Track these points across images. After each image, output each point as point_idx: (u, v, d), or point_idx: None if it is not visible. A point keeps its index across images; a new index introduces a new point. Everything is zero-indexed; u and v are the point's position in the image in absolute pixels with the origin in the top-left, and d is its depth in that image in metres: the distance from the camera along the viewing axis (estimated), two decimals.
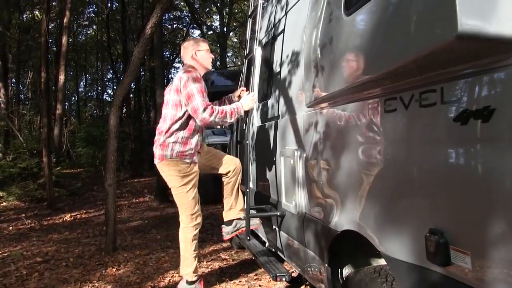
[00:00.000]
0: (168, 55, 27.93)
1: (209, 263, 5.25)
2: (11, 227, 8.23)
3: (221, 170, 3.70)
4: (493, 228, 1.28)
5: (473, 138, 1.36)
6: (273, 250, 3.88)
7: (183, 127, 3.37)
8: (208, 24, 25.80)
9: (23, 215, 9.35)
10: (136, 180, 16.23)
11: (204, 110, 3.23)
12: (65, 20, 12.10)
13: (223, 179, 3.73)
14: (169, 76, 29.01)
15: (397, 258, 1.72)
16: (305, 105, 2.77)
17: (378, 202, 1.91)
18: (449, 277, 1.45)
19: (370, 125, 1.98)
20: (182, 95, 3.28)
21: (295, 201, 2.97)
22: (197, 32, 28.23)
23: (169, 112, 3.38)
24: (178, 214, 3.75)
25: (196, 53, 3.46)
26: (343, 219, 2.20)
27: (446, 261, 1.44)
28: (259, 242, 4.35)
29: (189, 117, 3.36)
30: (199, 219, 3.59)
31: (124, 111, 20.02)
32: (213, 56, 3.56)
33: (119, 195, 12.21)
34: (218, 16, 23.04)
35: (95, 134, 15.40)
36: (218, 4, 22.39)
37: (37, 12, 18.62)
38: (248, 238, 3.34)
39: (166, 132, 3.37)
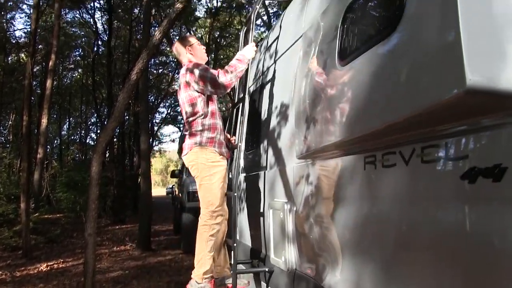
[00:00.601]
0: (153, 100, 28.01)
1: None
2: None
3: None
4: None
5: (482, 198, 1.27)
6: None
7: (206, 114, 3.39)
8: None
9: None
10: (117, 227, 15.77)
11: (218, 76, 3.28)
12: (51, 63, 12.06)
13: None
14: (154, 121, 29.01)
15: None
16: (295, 156, 2.67)
17: (376, 263, 1.78)
18: None
19: (365, 181, 1.88)
20: (194, 85, 3.34)
21: (284, 256, 2.81)
22: None
23: (188, 109, 3.40)
24: (160, 264, 3.54)
25: (189, 49, 3.54)
26: (338, 278, 2.06)
27: None
28: None
29: (207, 104, 3.41)
30: (220, 219, 3.35)
31: (107, 155, 19.78)
32: (204, 46, 3.63)
33: (99, 243, 11.77)
34: None
35: (76, 179, 15.05)
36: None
37: (22, 55, 18.61)
38: None
39: (192, 123, 3.38)
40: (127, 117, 24.32)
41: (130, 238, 11.97)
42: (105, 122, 19.31)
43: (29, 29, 13.07)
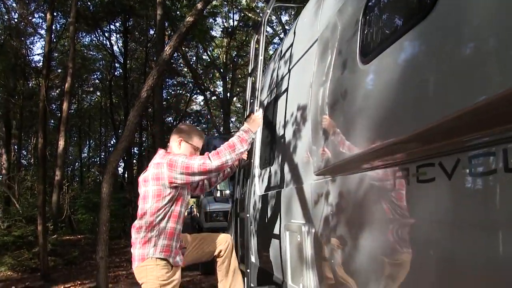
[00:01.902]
0: (172, 121, 28.11)
1: None
2: None
3: (213, 252, 3.20)
4: None
5: None
6: None
7: (167, 216, 2.82)
8: (212, 89, 26.12)
9: (14, 287, 8.79)
10: None
11: (208, 159, 2.73)
12: (67, 85, 12.07)
13: (217, 260, 3.21)
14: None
15: None
16: (313, 173, 2.39)
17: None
18: None
19: (395, 198, 1.59)
20: (174, 176, 2.77)
21: (302, 283, 2.51)
22: (200, 98, 28.57)
23: (148, 206, 2.80)
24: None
25: (182, 143, 3.00)
26: None
27: None
28: None
29: (173, 204, 2.84)
30: None
31: (126, 177, 19.75)
32: (197, 153, 3.03)
33: (117, 264, 11.62)
34: (222, 82, 23.37)
35: (95, 200, 15.03)
36: (221, 70, 22.75)
37: (41, 79, 18.94)
38: None
39: (148, 225, 2.79)
40: (145, 138, 24.40)
41: None
42: None
43: None
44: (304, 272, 2.50)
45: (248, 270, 2.91)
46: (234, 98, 26.99)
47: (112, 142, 30.46)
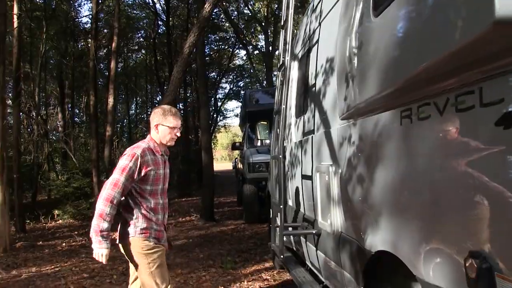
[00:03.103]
0: (215, 76, 28.39)
1: (249, 283, 5.12)
2: (64, 244, 8.49)
3: None
4: None
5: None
6: (313, 270, 3.69)
7: (143, 200, 2.91)
8: (254, 44, 26.04)
9: (76, 232, 9.65)
10: (184, 200, 16.42)
11: (109, 188, 2.77)
12: (113, 45, 12.49)
13: None
14: (216, 97, 29.45)
15: (434, 284, 1.53)
16: (338, 118, 2.62)
17: (415, 220, 1.72)
18: None
19: (403, 136, 1.81)
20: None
21: (330, 219, 2.80)
22: (243, 52, 28.56)
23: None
24: (222, 233, 3.63)
25: (158, 126, 2.95)
26: (378, 239, 2.02)
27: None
28: (299, 262, 4.16)
29: (147, 191, 2.91)
30: None
31: None
32: (177, 136, 2.99)
33: (168, 215, 12.35)
34: (263, 36, 23.24)
35: None
36: (263, 24, 22.59)
37: (90, 40, 19.57)
38: (282, 256, 3.17)
39: (125, 208, 2.98)
40: (189, 94, 24.90)
41: (195, 210, 12.40)
42: None
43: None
44: (331, 209, 2.78)
45: (281, 206, 3.21)
46: (276, 52, 26.85)
47: (158, 99, 31.26)
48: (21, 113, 13.49)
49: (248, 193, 9.95)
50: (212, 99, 27.75)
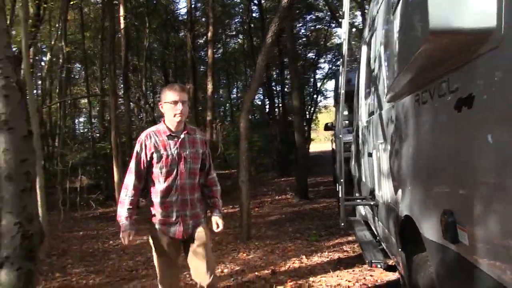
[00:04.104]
0: (314, 56, 28.46)
1: (330, 253, 5.54)
2: None
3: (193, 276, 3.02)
4: (484, 207, 1.40)
5: (465, 127, 1.50)
6: (380, 240, 4.04)
7: (156, 183, 2.88)
8: (350, 22, 25.62)
9: None
10: (283, 179, 17.09)
11: (128, 176, 2.87)
12: (209, 34, 13.37)
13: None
14: (316, 77, 29.56)
15: (428, 238, 1.87)
16: (386, 101, 2.95)
17: (418, 187, 2.06)
18: (459, 254, 1.57)
19: (418, 117, 2.13)
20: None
21: (382, 191, 3.14)
22: (340, 31, 28.22)
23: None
24: (314, 210, 4.08)
25: (163, 105, 2.87)
26: (404, 206, 2.36)
27: (455, 239, 1.57)
28: (370, 233, 4.51)
29: (156, 173, 2.86)
30: None
31: (271, 115, 21.19)
32: (179, 110, 2.78)
33: (264, 193, 13.12)
34: (359, 13, 22.84)
35: None
36: (358, 0, 22.19)
37: (187, 33, 20.93)
38: (343, 224, 3.58)
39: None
40: (286, 76, 25.37)
41: (291, 189, 12.99)
42: (266, 84, 20.62)
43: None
44: (382, 181, 3.12)
45: (342, 180, 3.60)
46: None
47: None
48: (131, 103, 15.02)
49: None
50: (312, 79, 27.92)
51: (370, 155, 3.79)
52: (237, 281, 4.69)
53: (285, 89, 23.73)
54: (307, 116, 23.70)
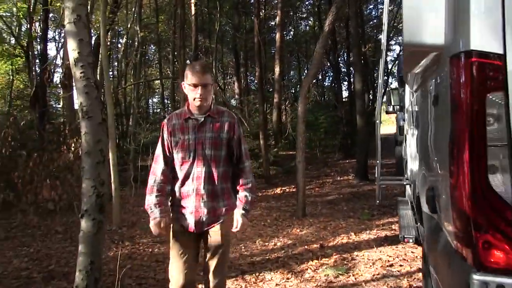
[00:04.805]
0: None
1: (378, 231, 5.86)
2: None
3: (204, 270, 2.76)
4: (443, 186, 1.75)
5: (436, 119, 1.85)
6: None
7: (176, 169, 2.67)
8: None
9: None
10: (347, 161, 17.23)
11: (154, 162, 2.70)
12: (278, 19, 13.76)
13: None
14: (387, 59, 28.93)
15: (423, 210, 2.23)
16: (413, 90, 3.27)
17: (421, 169, 2.42)
18: (437, 222, 1.93)
19: (418, 104, 2.46)
20: None
21: (412, 172, 3.48)
22: None
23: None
24: (371, 191, 4.45)
25: (184, 86, 2.63)
26: (417, 185, 2.71)
27: (433, 210, 1.93)
28: (412, 212, 4.81)
29: (176, 159, 2.64)
30: None
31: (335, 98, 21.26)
32: (199, 95, 2.52)
33: (327, 174, 13.44)
34: None
35: (310, 119, 16.91)
36: None
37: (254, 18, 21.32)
38: (378, 201, 3.93)
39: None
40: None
41: (353, 170, 13.20)
42: (339, 65, 20.69)
43: None
44: (410, 163, 3.46)
45: (378, 162, 3.94)
46: None
47: (327, 64, 32.15)
48: None
49: (399, 154, 10.39)
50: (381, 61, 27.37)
51: (406, 139, 4.10)
52: (287, 253, 5.17)
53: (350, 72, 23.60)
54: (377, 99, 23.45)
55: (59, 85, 14.07)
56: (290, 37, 28.06)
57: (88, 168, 2.65)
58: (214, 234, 2.62)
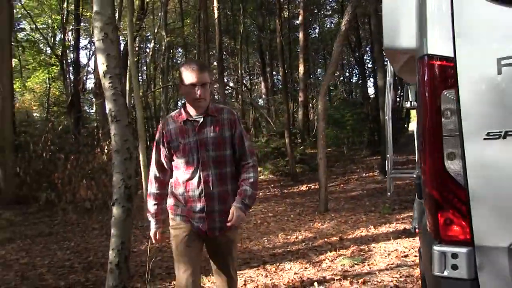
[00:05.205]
0: None
1: (397, 224, 6.05)
2: (260, 193, 10.55)
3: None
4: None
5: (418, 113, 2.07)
6: None
7: (176, 173, 2.57)
8: None
9: (272, 185, 11.65)
10: (374, 158, 17.24)
11: (151, 169, 2.62)
12: (300, 18, 13.97)
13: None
14: None
15: (417, 199, 2.44)
16: None
17: (419, 160, 2.64)
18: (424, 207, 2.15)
19: None
20: None
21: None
22: None
23: None
24: (395, 186, 4.60)
25: (180, 87, 2.52)
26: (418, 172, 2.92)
27: (420, 196, 2.14)
28: None
29: (177, 163, 2.54)
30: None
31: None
32: (198, 95, 2.39)
33: (353, 170, 13.59)
34: None
35: (336, 116, 17.00)
36: None
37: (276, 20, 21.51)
38: (389, 194, 4.11)
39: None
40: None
41: (378, 166, 13.27)
42: (359, 63, 20.68)
43: None
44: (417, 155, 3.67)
45: (388, 156, 4.13)
46: None
47: (352, 62, 32.00)
48: (226, 86, 16.23)
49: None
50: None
51: None
52: (308, 245, 5.41)
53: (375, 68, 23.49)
54: None
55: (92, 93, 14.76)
56: (316, 35, 28.12)
57: (117, 164, 3.01)
58: (226, 245, 2.60)
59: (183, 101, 2.56)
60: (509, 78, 1.43)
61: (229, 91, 26.63)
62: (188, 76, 2.38)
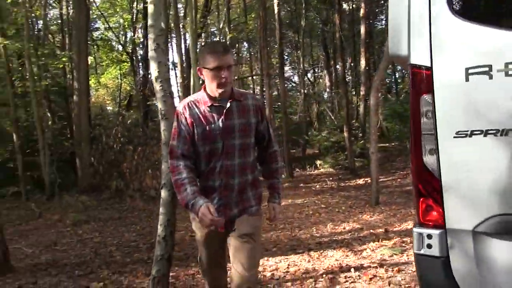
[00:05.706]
0: None
1: None
2: (317, 186, 10.83)
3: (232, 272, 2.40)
4: None
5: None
6: None
7: (199, 163, 2.38)
8: None
9: (330, 178, 11.88)
10: None
11: (172, 159, 2.35)
12: (362, 11, 13.89)
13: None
14: None
15: None
16: None
17: None
18: None
19: None
20: None
21: None
22: None
23: None
24: None
25: (202, 71, 2.32)
26: None
27: None
28: None
29: (199, 152, 2.35)
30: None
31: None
32: (224, 78, 2.23)
33: (409, 166, 13.38)
34: None
35: (399, 110, 16.73)
36: None
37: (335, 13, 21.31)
38: None
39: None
40: None
41: None
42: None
43: None
44: None
45: None
46: None
47: None
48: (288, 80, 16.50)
49: None
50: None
51: None
52: (353, 236, 5.64)
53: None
54: None
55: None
56: (382, 26, 27.55)
57: (165, 154, 3.46)
58: (244, 224, 2.34)
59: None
60: (475, 85, 1.65)
61: (292, 85, 26.89)
62: (213, 59, 2.21)
